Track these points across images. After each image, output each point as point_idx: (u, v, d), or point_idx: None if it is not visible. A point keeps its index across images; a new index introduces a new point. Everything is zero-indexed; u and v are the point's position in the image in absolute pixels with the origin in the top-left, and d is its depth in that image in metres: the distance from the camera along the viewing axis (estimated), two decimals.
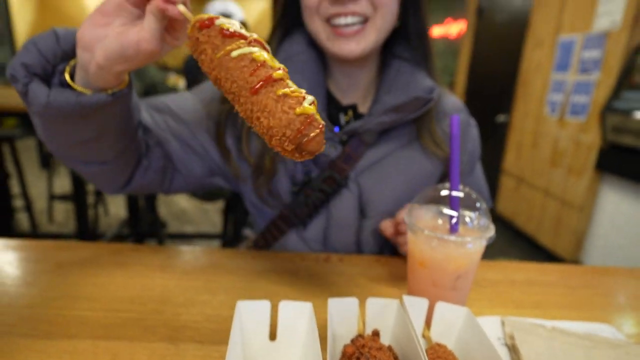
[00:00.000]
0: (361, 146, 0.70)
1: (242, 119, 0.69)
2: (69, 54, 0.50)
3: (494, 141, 3.73)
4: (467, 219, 0.54)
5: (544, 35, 3.05)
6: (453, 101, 0.80)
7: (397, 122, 0.69)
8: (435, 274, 0.51)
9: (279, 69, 0.40)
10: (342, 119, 0.72)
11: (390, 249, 0.79)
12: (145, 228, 2.64)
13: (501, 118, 3.64)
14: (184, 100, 0.72)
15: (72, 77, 0.50)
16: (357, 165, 0.70)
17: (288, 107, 0.38)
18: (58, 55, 0.49)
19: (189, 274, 0.64)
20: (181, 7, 0.43)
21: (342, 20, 0.63)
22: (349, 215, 0.71)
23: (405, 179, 0.72)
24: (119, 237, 2.82)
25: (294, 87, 0.40)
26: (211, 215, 3.55)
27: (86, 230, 2.24)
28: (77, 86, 0.49)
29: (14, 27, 6.66)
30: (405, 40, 0.72)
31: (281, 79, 0.39)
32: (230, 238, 1.83)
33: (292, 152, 0.39)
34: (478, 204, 0.54)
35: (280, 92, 0.38)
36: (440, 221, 0.54)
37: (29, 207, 2.95)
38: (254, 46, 0.41)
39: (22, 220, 3.16)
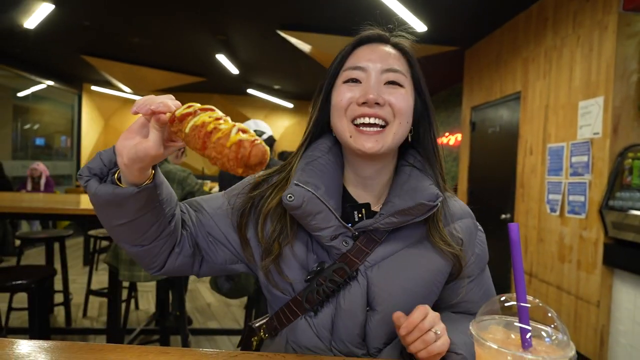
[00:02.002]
0: (371, 242, 0.69)
1: (261, 206, 0.73)
2: None
3: (501, 237, 3.60)
4: (543, 334, 0.44)
5: (534, 144, 3.13)
6: (461, 205, 0.79)
7: (403, 223, 0.68)
8: None
9: (218, 119, 0.48)
10: (356, 216, 0.72)
11: (399, 348, 0.70)
12: (171, 322, 2.48)
13: (504, 216, 3.56)
14: (214, 199, 0.78)
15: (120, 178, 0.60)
16: (367, 259, 0.69)
17: (221, 146, 0.46)
18: (112, 161, 0.61)
19: None
20: (166, 115, 0.53)
21: (366, 120, 0.67)
22: (356, 307, 0.68)
23: (413, 276, 0.70)
24: (145, 332, 2.65)
25: (225, 126, 0.47)
26: (234, 311, 3.36)
27: (116, 325, 2.11)
28: (119, 183, 0.60)
29: (82, 145, 7.26)
30: (417, 150, 0.75)
31: (215, 128, 0.47)
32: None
33: (245, 171, 0.46)
34: (550, 314, 0.45)
35: (214, 139, 0.46)
36: (512, 335, 0.44)
37: (66, 303, 2.87)
38: (199, 115, 0.48)
39: (60, 313, 3.05)
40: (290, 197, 0.65)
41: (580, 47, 2.64)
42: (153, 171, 0.61)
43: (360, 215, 0.72)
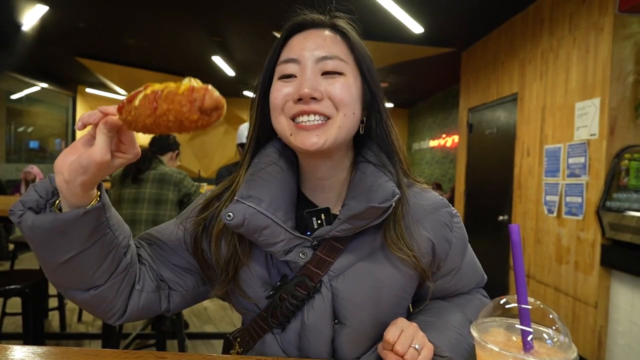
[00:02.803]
0: (333, 250, 0.63)
1: (211, 228, 0.67)
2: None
3: (499, 238, 3.61)
4: (545, 336, 0.44)
5: (531, 145, 3.15)
6: (429, 198, 0.70)
7: (360, 228, 0.62)
8: None
9: (150, 86, 0.47)
10: (315, 222, 0.66)
11: None
12: (168, 327, 2.47)
13: (502, 218, 3.57)
14: (168, 227, 0.73)
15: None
16: (331, 269, 0.63)
17: (173, 94, 0.44)
18: (49, 191, 0.55)
19: None
20: (115, 117, 0.50)
21: (305, 118, 0.61)
22: (321, 322, 0.63)
23: (379, 284, 0.64)
24: (141, 336, 2.64)
25: (171, 86, 0.46)
26: (231, 314, 3.35)
27: (112, 329, 2.10)
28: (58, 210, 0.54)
29: None
30: (373, 144, 0.68)
31: (165, 87, 0.45)
32: None
33: (201, 118, 0.44)
34: (551, 315, 0.44)
35: (165, 94, 0.44)
36: (514, 337, 0.44)
37: (61, 307, 2.85)
38: (149, 87, 0.47)
39: (54, 318, 3.02)
40: (229, 215, 0.59)
41: (577, 48, 2.66)
42: (99, 192, 0.55)
43: (319, 221, 0.66)
